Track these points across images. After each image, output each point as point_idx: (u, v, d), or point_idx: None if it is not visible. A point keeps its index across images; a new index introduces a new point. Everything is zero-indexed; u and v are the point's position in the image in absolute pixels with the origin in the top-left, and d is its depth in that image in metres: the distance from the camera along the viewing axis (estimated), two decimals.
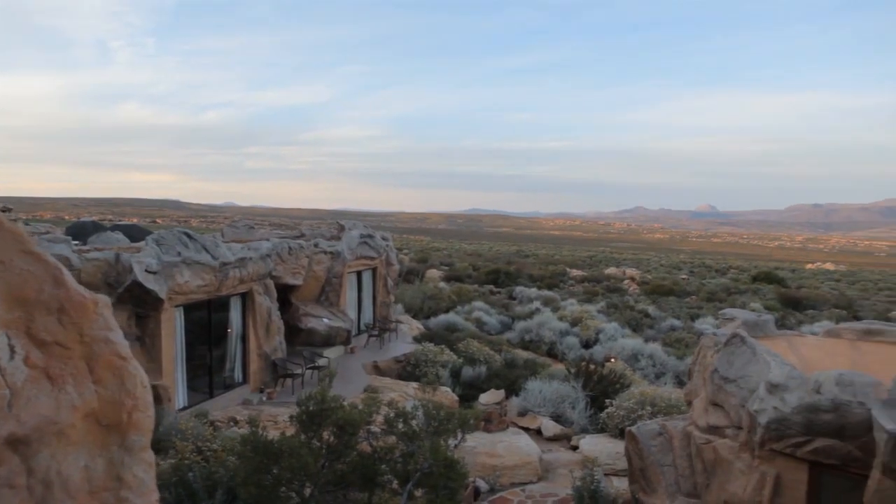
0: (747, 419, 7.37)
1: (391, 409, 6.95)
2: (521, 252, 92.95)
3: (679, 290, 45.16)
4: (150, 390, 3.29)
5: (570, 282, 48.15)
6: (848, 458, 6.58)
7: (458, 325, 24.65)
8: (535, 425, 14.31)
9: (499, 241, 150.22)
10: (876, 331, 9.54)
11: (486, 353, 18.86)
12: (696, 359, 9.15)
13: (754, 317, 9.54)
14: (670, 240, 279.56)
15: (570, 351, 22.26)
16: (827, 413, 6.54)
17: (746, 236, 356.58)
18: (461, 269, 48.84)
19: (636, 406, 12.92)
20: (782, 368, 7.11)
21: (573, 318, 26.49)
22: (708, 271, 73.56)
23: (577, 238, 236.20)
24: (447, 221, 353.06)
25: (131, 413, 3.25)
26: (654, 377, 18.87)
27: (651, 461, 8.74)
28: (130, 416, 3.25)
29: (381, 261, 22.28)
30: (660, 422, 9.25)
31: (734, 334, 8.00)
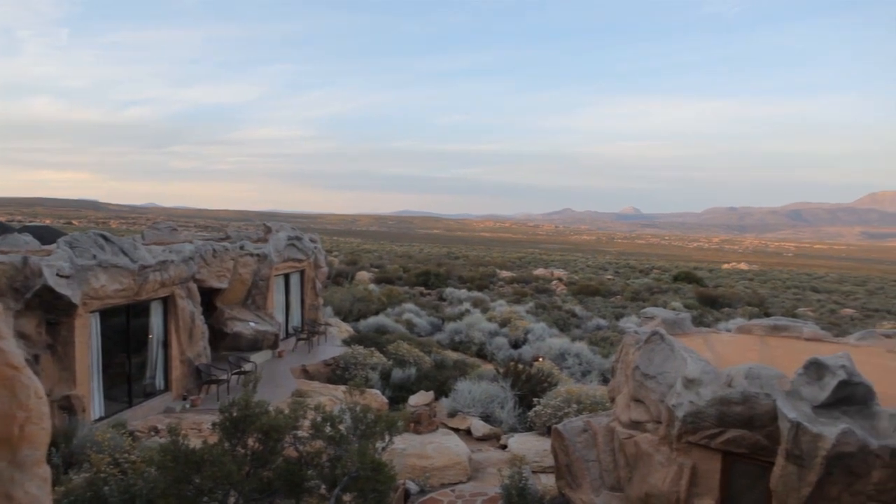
0: (666, 413, 7.67)
1: (318, 414, 6.86)
2: (451, 254, 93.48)
3: (605, 290, 46.47)
4: (45, 401, 3.12)
5: (500, 283, 48.76)
6: (756, 446, 6.95)
7: (388, 327, 24.57)
8: (464, 426, 14.42)
9: (429, 243, 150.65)
10: (782, 326, 10.12)
11: (416, 355, 18.87)
12: (618, 357, 9.44)
13: (673, 315, 9.93)
14: (596, 241, 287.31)
15: (499, 351, 22.55)
16: (737, 405, 6.89)
17: (668, 238, 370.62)
18: (391, 271, 48.70)
19: (563, 404, 13.21)
20: (698, 364, 7.43)
21: (502, 319, 26.84)
22: (632, 271, 75.99)
23: (506, 239, 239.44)
24: (378, 223, 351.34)
25: (24, 426, 3.07)
26: (581, 375, 19.34)
27: (576, 457, 8.96)
28: (23, 430, 3.06)
29: (309, 263, 21.96)
30: (584, 419, 9.50)
31: (654, 332, 8.30)
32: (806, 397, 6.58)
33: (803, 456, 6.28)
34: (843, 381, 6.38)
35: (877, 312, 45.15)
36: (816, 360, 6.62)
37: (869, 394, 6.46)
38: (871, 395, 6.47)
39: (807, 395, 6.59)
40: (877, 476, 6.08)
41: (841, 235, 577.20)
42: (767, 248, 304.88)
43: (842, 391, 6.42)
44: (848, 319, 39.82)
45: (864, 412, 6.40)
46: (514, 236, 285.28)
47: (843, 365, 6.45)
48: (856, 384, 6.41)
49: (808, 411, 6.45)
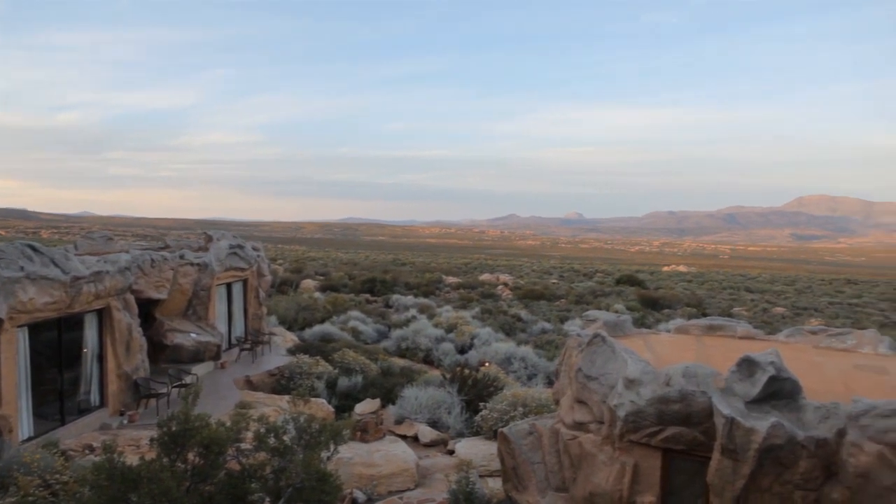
0: (608, 414, 7.84)
1: (262, 425, 6.74)
2: (397, 260, 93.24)
3: (549, 293, 47.15)
4: None
5: (446, 289, 48.90)
6: (694, 442, 7.18)
7: (333, 335, 24.33)
8: (412, 432, 14.39)
9: (375, 250, 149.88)
10: (717, 326, 10.48)
11: (362, 363, 18.74)
12: (562, 359, 9.59)
13: (614, 317, 10.17)
14: (541, 246, 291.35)
15: (445, 357, 22.59)
16: (675, 403, 7.10)
17: (610, 242, 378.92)
18: (337, 278, 48.24)
19: (509, 407, 13.33)
20: (638, 365, 7.63)
21: (449, 325, 26.92)
22: (576, 275, 77.35)
23: (452, 245, 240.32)
24: (323, 230, 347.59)
25: None
26: (527, 379, 19.55)
27: (522, 460, 9.06)
28: None
29: (252, 272, 21.56)
30: (530, 421, 9.62)
31: (595, 335, 8.48)
32: (739, 393, 6.84)
33: (737, 450, 6.52)
34: (772, 376, 6.66)
35: (805, 310, 47.20)
36: (748, 358, 6.88)
37: (796, 388, 6.76)
38: (798, 389, 6.77)
39: (740, 391, 6.85)
40: (803, 466, 6.36)
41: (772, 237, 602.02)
42: (705, 251, 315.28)
43: (771, 386, 6.70)
44: (779, 317, 41.48)
45: (792, 406, 6.69)
46: (461, 242, 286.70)
47: (773, 361, 6.73)
48: (784, 379, 6.70)
49: (741, 407, 6.70)
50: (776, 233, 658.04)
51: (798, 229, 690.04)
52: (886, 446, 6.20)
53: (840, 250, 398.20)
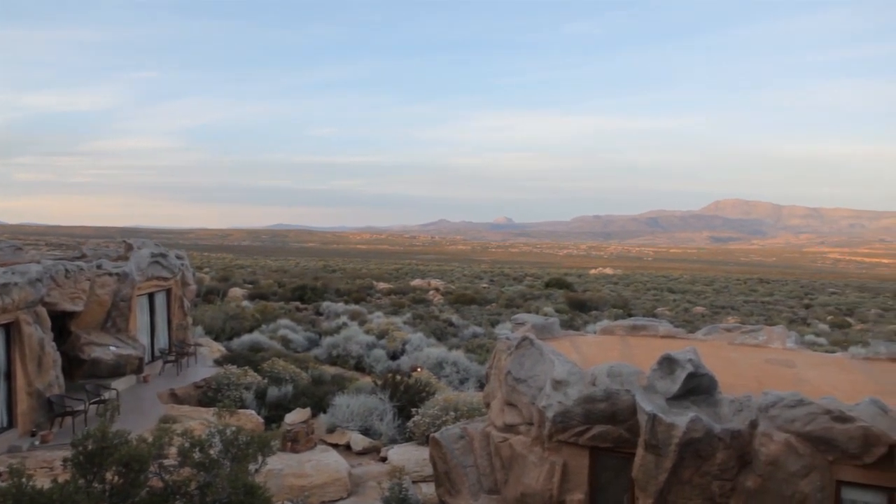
0: (537, 415, 7.99)
1: (186, 439, 6.52)
2: (327, 267, 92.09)
3: (480, 298, 47.59)
4: None
5: (377, 295, 48.64)
6: (619, 440, 7.41)
7: (262, 344, 23.79)
8: (343, 441, 14.23)
9: (305, 257, 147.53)
10: (641, 326, 10.85)
11: (292, 372, 18.39)
12: (492, 362, 9.72)
13: (542, 320, 10.37)
14: (472, 251, 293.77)
15: (377, 363, 22.46)
16: (601, 402, 7.31)
17: (539, 246, 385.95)
18: (266, 286, 47.22)
19: (441, 412, 13.37)
20: (565, 366, 7.82)
21: (380, 331, 26.77)
22: (506, 279, 78.37)
23: (383, 251, 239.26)
24: (251, 237, 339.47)
25: None
26: (459, 383, 19.66)
27: (454, 464, 9.11)
28: None
29: (176, 281, 20.84)
30: (461, 425, 9.69)
31: (524, 337, 8.63)
32: (660, 391, 7.11)
33: (659, 445, 6.77)
34: (690, 373, 6.95)
35: (723, 309, 49.44)
36: (668, 356, 7.17)
37: (713, 384, 7.08)
38: (715, 384, 7.09)
39: (661, 388, 7.12)
40: (720, 457, 6.67)
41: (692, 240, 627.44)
42: (629, 254, 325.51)
43: (690, 383, 7.00)
44: (699, 317, 43.28)
45: (709, 401, 7.01)
46: (392, 248, 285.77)
47: (691, 359, 7.03)
48: (701, 375, 7.01)
49: (663, 403, 6.97)
50: (695, 235, 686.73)
51: (715, 232, 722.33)
52: (793, 434, 6.58)
53: (753, 251, 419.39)
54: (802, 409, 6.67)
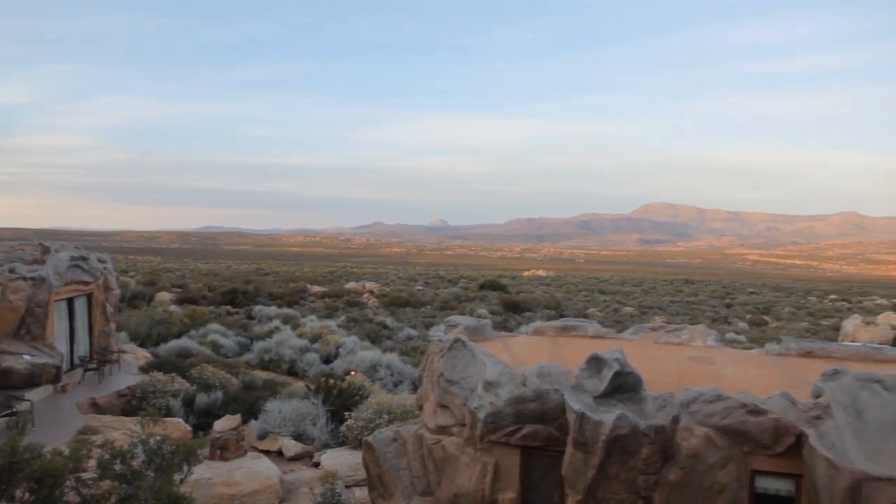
0: (469, 416, 8.06)
1: (106, 451, 6.27)
2: (260, 270, 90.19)
3: (415, 300, 47.60)
4: None
5: (311, 298, 47.99)
6: (549, 438, 7.56)
7: (191, 350, 23.08)
8: (275, 447, 13.97)
9: (237, 260, 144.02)
10: (571, 326, 11.10)
11: (222, 377, 17.92)
12: (424, 365, 9.74)
13: (475, 322, 10.47)
14: (407, 253, 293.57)
15: (310, 367, 22.16)
16: (531, 402, 7.45)
17: (474, 248, 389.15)
18: (195, 290, 45.84)
19: (374, 416, 13.31)
20: (496, 367, 7.92)
21: (313, 335, 26.42)
22: (441, 282, 78.68)
23: (318, 254, 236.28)
24: (180, 240, 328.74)
25: None
26: (393, 386, 19.60)
27: (387, 467, 9.09)
28: None
29: (97, 285, 19.96)
30: (394, 428, 9.68)
31: (456, 339, 8.70)
32: (588, 389, 7.30)
33: (587, 442, 6.95)
34: (617, 372, 7.17)
35: (651, 309, 51.10)
36: (596, 356, 7.36)
37: (638, 382, 7.32)
38: (640, 382, 7.34)
39: (589, 387, 7.31)
40: (645, 452, 6.90)
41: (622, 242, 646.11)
42: (562, 256, 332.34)
43: (617, 381, 7.21)
44: (628, 317, 44.58)
45: (635, 398, 7.24)
46: (326, 250, 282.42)
47: (617, 358, 7.25)
48: (627, 374, 7.24)
49: (590, 402, 7.15)
50: (625, 238, 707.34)
51: (644, 234, 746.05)
52: (711, 428, 6.88)
53: (679, 253, 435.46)
54: (720, 403, 6.98)
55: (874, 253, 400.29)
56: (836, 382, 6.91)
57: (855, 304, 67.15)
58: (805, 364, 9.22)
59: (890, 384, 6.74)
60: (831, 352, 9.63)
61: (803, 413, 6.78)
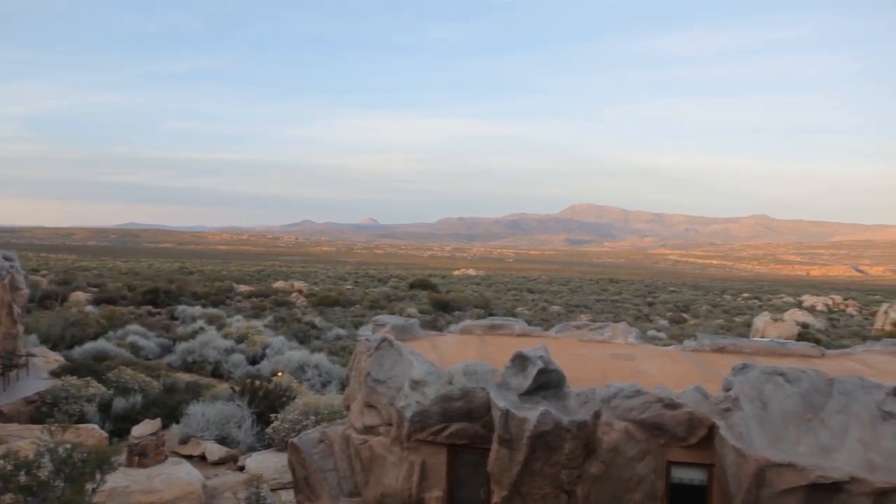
0: (396, 415, 8.07)
1: (9, 461, 5.93)
2: (184, 269, 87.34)
3: (344, 300, 47.17)
4: None
5: (237, 298, 46.83)
6: (476, 436, 7.65)
7: (108, 352, 22.12)
8: (198, 451, 13.58)
9: (159, 258, 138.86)
10: (498, 325, 11.24)
11: (142, 381, 17.27)
12: (352, 365, 9.68)
13: (402, 321, 10.47)
14: (336, 252, 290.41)
15: (236, 369, 21.65)
16: (458, 400, 7.52)
17: (404, 247, 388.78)
18: (114, 289, 43.96)
19: (301, 417, 13.13)
20: (423, 366, 7.96)
21: (239, 335, 25.81)
22: (371, 281, 78.26)
23: (245, 252, 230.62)
24: (98, 237, 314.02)
25: None
26: (321, 386, 19.39)
27: (314, 468, 8.98)
28: None
29: (3, 285, 18.85)
30: (321, 429, 9.57)
31: (383, 339, 8.68)
32: (513, 387, 7.43)
33: (512, 439, 7.08)
34: (541, 369, 7.33)
35: (577, 307, 52.40)
36: (520, 354, 7.51)
37: (561, 378, 7.50)
38: (563, 379, 7.52)
39: (514, 384, 7.44)
40: (568, 447, 7.09)
41: (550, 242, 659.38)
42: (492, 255, 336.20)
43: (541, 378, 7.37)
44: (556, 315, 45.56)
45: (558, 395, 7.43)
46: (253, 249, 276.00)
47: (541, 356, 7.41)
48: (551, 371, 7.41)
49: (515, 399, 7.29)
50: (553, 238, 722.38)
51: (571, 234, 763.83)
52: (630, 422, 7.13)
53: (605, 253, 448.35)
54: (639, 398, 7.25)
55: (782, 254, 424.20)
56: (744, 376, 7.28)
57: (765, 301, 70.96)
58: (718, 359, 9.66)
59: (791, 376, 7.16)
60: (741, 347, 10.14)
61: (715, 406, 7.12)
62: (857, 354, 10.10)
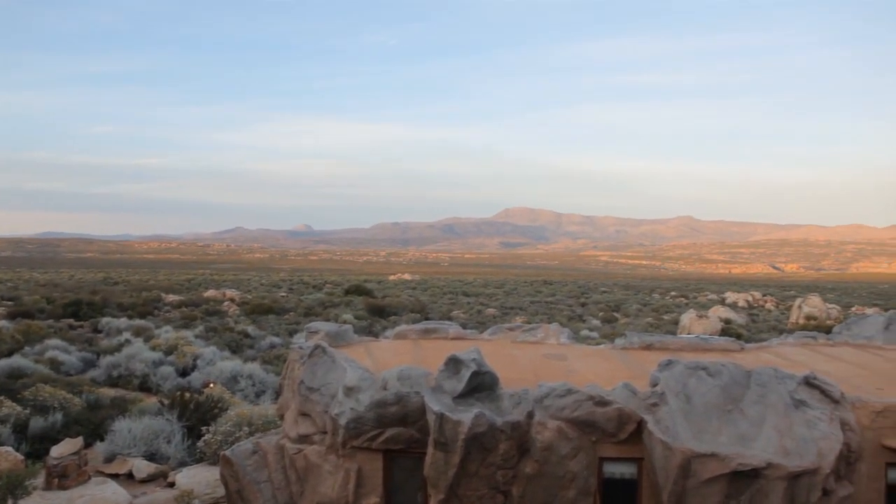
0: (330, 423, 7.99)
1: None
2: (109, 279, 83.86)
3: (278, 307, 46.31)
4: None
5: (166, 308, 45.30)
6: (411, 441, 7.67)
7: (25, 369, 20.97)
8: (125, 469, 13.04)
9: (82, 269, 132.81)
10: (432, 329, 11.31)
11: (62, 398, 16.44)
12: (285, 373, 9.54)
13: (336, 328, 10.39)
14: (270, 259, 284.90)
15: (165, 381, 20.91)
16: (393, 406, 7.52)
17: (339, 253, 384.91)
18: (31, 302, 41.79)
19: (234, 428, 12.81)
20: (356, 372, 7.91)
21: (168, 346, 24.95)
22: (306, 288, 77.07)
23: (174, 261, 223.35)
24: (13, 247, 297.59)
25: None
26: (255, 396, 18.95)
27: (247, 481, 8.79)
28: None
29: None
30: (254, 440, 9.38)
31: (316, 346, 8.59)
32: (447, 390, 7.48)
33: (447, 442, 7.13)
34: (474, 372, 7.41)
35: (512, 310, 53.05)
36: (454, 357, 7.56)
37: (495, 380, 7.60)
38: (496, 381, 7.62)
39: (448, 388, 7.49)
40: (503, 448, 7.19)
41: (485, 246, 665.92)
42: (427, 259, 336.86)
43: (474, 381, 7.45)
44: (491, 318, 45.99)
45: (492, 396, 7.52)
46: (183, 257, 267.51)
47: (475, 358, 7.49)
48: (484, 373, 7.50)
49: (450, 402, 7.34)
50: (488, 241, 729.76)
51: (505, 237, 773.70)
52: (563, 421, 7.29)
53: (538, 255, 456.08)
54: (570, 397, 7.42)
55: (707, 253, 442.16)
56: (670, 371, 7.57)
57: (691, 299, 73.72)
58: (646, 356, 10.00)
59: (713, 370, 7.49)
60: (668, 344, 10.53)
61: (642, 401, 7.37)
62: (772, 347, 10.65)
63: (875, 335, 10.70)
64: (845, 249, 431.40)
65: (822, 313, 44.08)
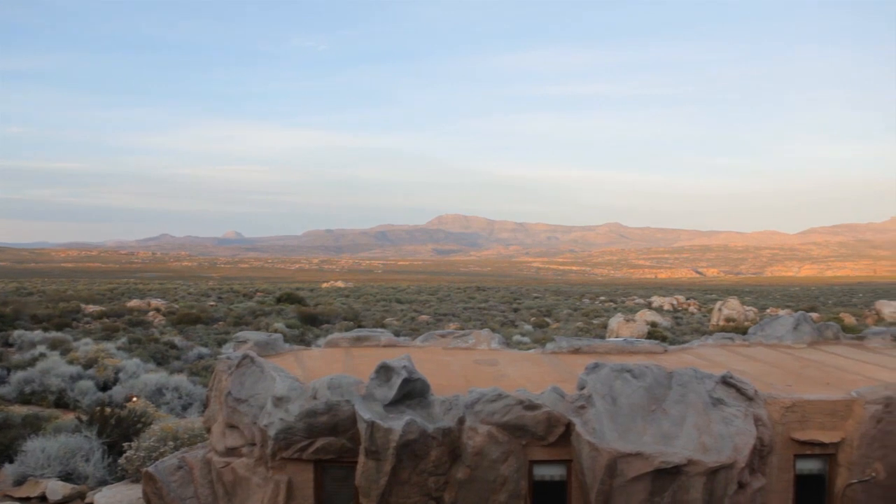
0: (259, 434, 7.83)
1: None
2: (22, 289, 79.33)
3: (207, 317, 44.96)
4: None
5: (86, 319, 43.25)
6: (342, 450, 7.59)
7: None
8: (37, 492, 12.36)
9: None
10: (364, 337, 11.25)
11: None
12: (212, 384, 9.28)
13: (265, 337, 10.19)
14: (198, 267, 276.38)
15: (84, 396, 19.94)
16: (323, 415, 7.43)
17: (271, 261, 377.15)
18: None
19: (158, 443, 12.34)
20: (286, 382, 7.78)
21: (88, 360, 23.82)
22: (236, 296, 75.07)
23: (95, 270, 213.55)
24: None
25: None
26: (182, 409, 18.33)
27: (171, 498, 8.50)
28: None
29: None
30: (179, 455, 9.08)
31: (244, 356, 8.40)
32: (378, 398, 7.45)
33: (379, 450, 7.10)
34: (405, 379, 7.41)
35: (445, 316, 53.26)
36: (384, 364, 7.55)
37: (426, 387, 7.63)
38: (428, 387, 7.65)
39: (379, 395, 7.47)
40: (434, 454, 7.21)
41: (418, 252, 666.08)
42: (360, 266, 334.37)
43: (405, 388, 7.45)
44: (424, 325, 46.03)
45: (423, 403, 7.54)
46: (105, 266, 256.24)
47: (405, 365, 7.49)
48: (415, 380, 7.51)
49: (381, 410, 7.31)
50: (421, 248, 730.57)
51: (438, 244, 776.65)
52: (493, 426, 7.38)
53: (471, 262, 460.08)
54: (500, 402, 7.52)
55: (634, 258, 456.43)
56: (596, 374, 7.78)
57: (619, 303, 75.85)
58: (574, 360, 10.25)
59: (637, 372, 7.75)
60: (596, 347, 10.82)
61: (570, 404, 7.54)
62: (693, 348, 11.10)
63: (785, 335, 11.31)
64: (761, 254, 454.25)
65: (740, 315, 46.18)
